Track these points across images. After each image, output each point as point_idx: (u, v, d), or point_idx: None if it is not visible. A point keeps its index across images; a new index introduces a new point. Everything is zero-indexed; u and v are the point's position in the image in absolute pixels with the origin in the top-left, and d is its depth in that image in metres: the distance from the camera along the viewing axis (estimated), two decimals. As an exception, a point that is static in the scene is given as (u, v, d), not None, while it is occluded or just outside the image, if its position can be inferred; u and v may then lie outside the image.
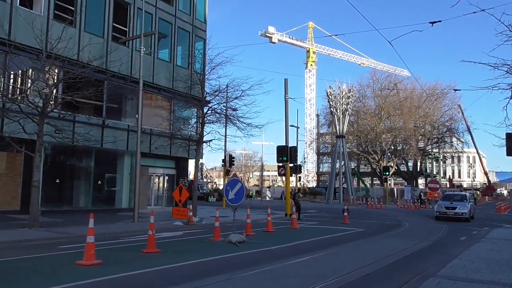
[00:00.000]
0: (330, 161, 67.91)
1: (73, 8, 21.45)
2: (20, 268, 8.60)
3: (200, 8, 29.68)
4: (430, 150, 65.57)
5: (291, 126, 36.95)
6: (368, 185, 69.49)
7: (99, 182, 24.28)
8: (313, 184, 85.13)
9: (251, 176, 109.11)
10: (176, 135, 25.62)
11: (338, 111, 51.84)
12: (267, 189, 73.38)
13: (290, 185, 28.96)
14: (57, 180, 22.26)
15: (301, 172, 53.61)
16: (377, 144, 62.22)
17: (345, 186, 53.11)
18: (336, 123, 52.53)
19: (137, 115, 20.80)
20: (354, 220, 22.94)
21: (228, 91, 23.16)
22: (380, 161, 61.12)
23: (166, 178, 28.52)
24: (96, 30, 22.50)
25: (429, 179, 58.97)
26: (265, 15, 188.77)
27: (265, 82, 66.33)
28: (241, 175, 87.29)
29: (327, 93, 53.74)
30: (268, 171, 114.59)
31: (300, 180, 56.69)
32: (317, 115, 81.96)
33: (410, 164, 68.39)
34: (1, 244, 11.14)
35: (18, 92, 19.59)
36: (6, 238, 12.18)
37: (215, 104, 23.08)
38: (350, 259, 10.74)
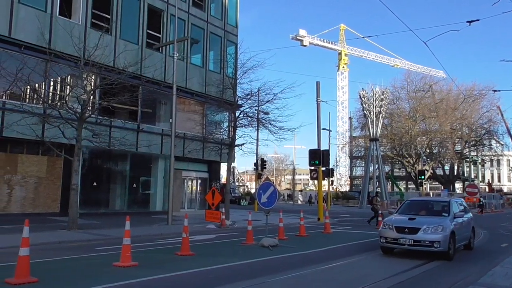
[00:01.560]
0: (363, 164, 66.94)
1: (109, 17, 22.09)
2: (61, 269, 8.88)
3: (231, 13, 29.95)
4: (467, 153, 63.46)
5: (323, 129, 36.61)
6: (402, 189, 67.91)
7: (134, 186, 24.81)
8: (345, 188, 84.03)
9: (282, 179, 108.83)
10: (209, 139, 25.88)
11: (372, 113, 51.02)
12: (299, 192, 72.93)
13: (323, 189, 28.65)
14: (94, 184, 22.89)
15: (333, 176, 53.00)
16: (412, 147, 60.77)
17: (379, 190, 52.13)
18: (370, 126, 51.71)
19: (170, 120, 21.14)
20: (389, 224, 22.40)
21: (259, 94, 23.21)
22: (415, 165, 59.65)
23: (199, 181, 28.83)
24: (131, 37, 23.08)
25: (467, 183, 57.05)
26: (296, 18, 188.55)
27: (296, 85, 66.43)
28: (272, 178, 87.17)
29: (360, 95, 53.01)
30: (299, 174, 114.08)
31: (332, 184, 56.12)
32: (350, 118, 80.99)
33: (447, 167, 66.42)
34: (42, 245, 11.52)
35: (57, 99, 20.31)
36: (47, 240, 12.59)
37: (247, 108, 23.19)
38: (386, 264, 10.50)
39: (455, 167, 64.43)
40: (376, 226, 20.54)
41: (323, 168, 27.31)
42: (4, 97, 18.62)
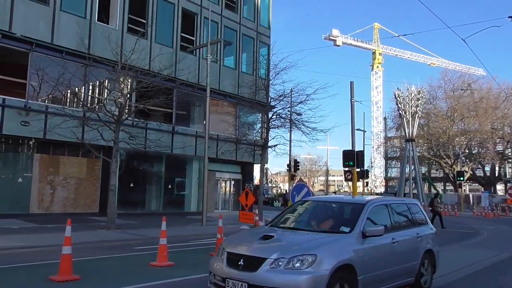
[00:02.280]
0: (398, 165, 65.48)
1: (144, 21, 22.61)
2: (101, 267, 9.15)
3: (264, 15, 30.04)
4: (510, 154, 60.98)
5: (357, 129, 36.04)
6: (440, 191, 66.04)
7: (169, 186, 25.26)
8: (381, 189, 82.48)
9: (315, 181, 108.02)
10: (242, 140, 26.05)
11: (407, 113, 49.87)
12: (333, 194, 72.21)
13: (357, 191, 28.20)
14: (131, 184, 23.45)
15: (368, 177, 52.06)
16: (449, 147, 58.95)
17: (416, 192, 50.86)
18: (405, 126, 50.55)
19: (204, 121, 21.41)
20: (426, 227, 21.82)
21: (292, 95, 23.17)
22: (454, 166, 57.82)
23: (232, 182, 29.04)
24: (165, 41, 23.54)
25: (509, 184, 54.81)
26: (329, 19, 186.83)
27: (330, 86, 65.74)
28: (305, 180, 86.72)
29: (395, 95, 51.92)
30: (333, 176, 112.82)
31: (367, 185, 55.20)
32: (385, 118, 79.39)
33: (487, 168, 63.97)
34: (83, 244, 11.91)
35: (96, 102, 20.97)
36: (87, 239, 13.01)
37: (280, 109, 23.19)
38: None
39: (496, 168, 61.98)
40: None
41: (358, 169, 26.85)
42: (46, 101, 19.40)
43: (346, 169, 26.59)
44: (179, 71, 22.01)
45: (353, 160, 25.17)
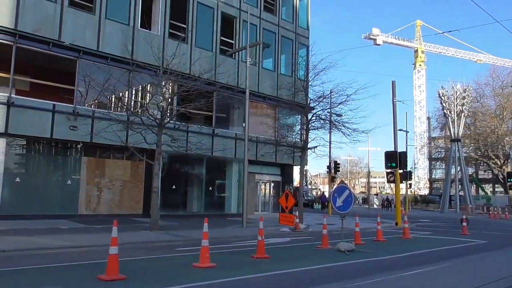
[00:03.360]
0: (443, 167, 63.31)
1: (185, 26, 23.05)
2: (145, 267, 9.38)
3: (302, 16, 29.91)
4: None
5: (400, 130, 35.17)
6: (489, 193, 63.21)
7: (210, 188, 25.59)
8: (425, 191, 79.97)
9: (356, 182, 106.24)
10: (281, 142, 25.99)
11: (452, 112, 48.17)
12: (375, 196, 70.71)
13: (400, 193, 27.49)
14: (173, 186, 23.93)
15: (411, 178, 50.65)
16: (499, 147, 56.37)
17: (462, 193, 48.96)
18: (450, 125, 48.85)
19: (244, 124, 21.54)
20: (475, 231, 20.98)
21: (332, 96, 22.86)
22: (503, 166, 55.23)
23: (272, 184, 29.04)
24: (205, 45, 23.90)
25: None
26: (368, 18, 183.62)
27: (370, 86, 64.46)
28: (346, 181, 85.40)
29: (439, 94, 50.30)
30: (375, 177, 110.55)
31: (410, 187, 53.61)
32: (428, 118, 77.06)
33: (540, 169, 60.63)
34: (128, 245, 12.24)
35: (139, 106, 21.57)
36: (132, 240, 13.37)
37: (319, 110, 22.93)
38: (473, 273, 9.80)
39: (550, 169, 58.65)
40: (461, 232, 19.31)
41: (400, 171, 26.23)
42: (93, 106, 20.16)
43: (389, 170, 26.04)
44: (219, 75, 22.27)
45: (396, 161, 24.61)
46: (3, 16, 17.12)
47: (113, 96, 20.03)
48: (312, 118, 22.54)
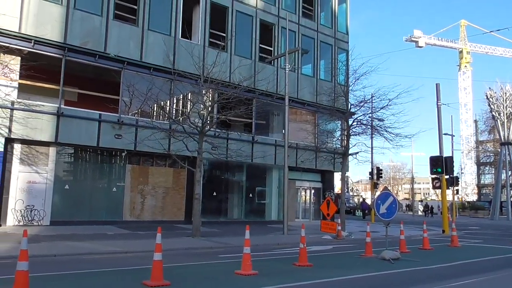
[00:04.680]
0: (493, 171, 60.52)
1: (224, 35, 23.36)
2: (189, 274, 9.48)
3: (341, 20, 29.62)
4: None
5: (445, 134, 33.91)
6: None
7: (251, 195, 25.65)
8: (473, 197, 76.67)
9: (400, 189, 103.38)
10: (321, 148, 25.71)
11: (502, 115, 46.08)
12: (419, 203, 68.52)
13: (447, 199, 26.47)
14: (214, 193, 24.17)
15: (458, 184, 48.73)
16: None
17: None
18: (500, 128, 46.74)
19: (283, 130, 21.49)
20: (529, 240, 19.86)
21: (373, 101, 22.41)
22: (559, 171, 52.06)
23: (313, 191, 28.76)
24: (244, 53, 24.11)
25: None
26: (409, 20, 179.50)
27: (413, 89, 62.61)
28: (389, 188, 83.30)
29: (486, 95, 48.29)
30: (419, 183, 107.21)
31: (457, 193, 51.63)
32: (475, 121, 74.01)
33: None
34: (171, 251, 12.43)
35: (180, 114, 22.00)
36: (175, 246, 13.58)
37: (361, 115, 22.51)
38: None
39: None
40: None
41: (447, 176, 25.26)
42: (136, 115, 20.75)
43: (434, 176, 25.17)
44: (258, 82, 22.37)
45: (441, 166, 23.77)
46: (54, 30, 17.99)
47: (156, 105, 20.53)
48: (353, 124, 22.17)
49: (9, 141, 17.25)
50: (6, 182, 17.23)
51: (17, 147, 17.69)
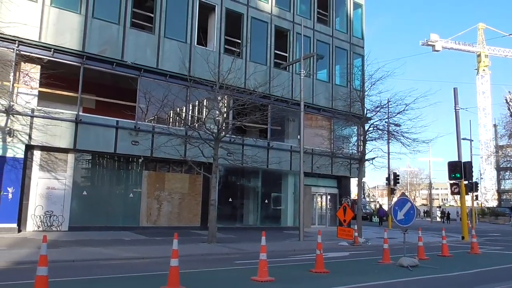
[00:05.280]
0: (513, 177, 59.26)
1: (239, 41, 23.48)
2: (205, 280, 9.49)
3: (357, 25, 29.53)
4: None
5: (463, 139, 33.38)
6: None
7: (266, 201, 25.60)
8: (492, 203, 75.17)
9: (417, 194, 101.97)
10: (337, 154, 25.56)
11: (522, 119, 45.16)
12: (437, 209, 67.44)
13: (466, 205, 26.01)
14: (230, 199, 24.20)
15: (477, 190, 47.82)
16: None
17: None
18: (520, 133, 45.80)
19: (299, 136, 21.44)
20: (552, 247, 19.36)
21: (390, 106, 22.26)
22: None
23: (329, 197, 28.56)
24: (260, 59, 24.18)
25: None
26: (425, 23, 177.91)
27: (430, 94, 61.97)
28: (406, 194, 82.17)
29: (506, 99, 47.54)
30: (436, 189, 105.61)
31: (476, 199, 50.61)
32: (494, 125, 72.70)
33: None
34: (187, 257, 12.46)
35: (196, 121, 22.14)
36: (191, 252, 13.62)
37: (377, 121, 22.34)
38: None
39: None
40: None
41: (466, 182, 24.85)
42: (153, 121, 20.95)
43: (453, 181, 24.79)
44: (274, 88, 22.42)
45: (460, 172, 23.41)
46: (73, 39, 18.33)
47: (172, 111, 20.71)
48: (369, 129, 22.01)
49: (29, 148, 17.58)
50: (26, 188, 17.55)
51: (37, 154, 18.01)
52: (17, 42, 16.68)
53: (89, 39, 18.72)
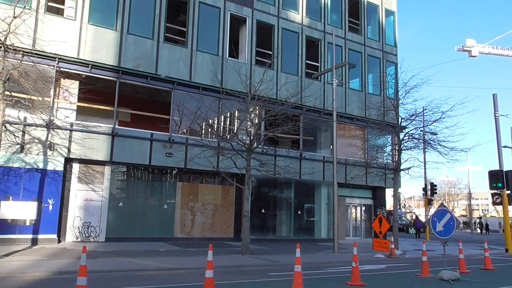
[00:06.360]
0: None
1: (270, 52, 23.59)
2: (238, 292, 9.45)
3: (389, 33, 29.13)
4: None
5: (504, 147, 32.05)
6: None
7: (299, 213, 25.35)
8: (538, 214, 71.65)
9: (455, 205, 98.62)
10: (372, 164, 25.10)
11: None
12: (477, 220, 64.87)
13: (509, 216, 24.90)
14: (262, 210, 24.12)
15: (521, 200, 45.82)
16: None
17: None
18: None
19: (331, 146, 21.21)
20: None
21: (425, 114, 21.71)
22: None
23: (363, 208, 28.02)
24: (291, 69, 24.19)
25: None
26: (460, 29, 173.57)
27: (468, 101, 59.97)
28: (444, 204, 79.52)
29: (549, 106, 45.41)
30: (476, 199, 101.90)
31: (520, 209, 48.40)
32: (537, 133, 69.63)
33: None
34: (221, 268, 12.47)
35: (228, 132, 22.31)
36: (224, 263, 13.62)
37: (412, 129, 21.82)
38: None
39: None
40: None
41: (508, 192, 23.84)
42: (186, 133, 21.26)
43: (494, 191, 23.87)
44: (305, 98, 22.34)
45: (502, 181, 22.54)
46: (109, 55, 18.93)
47: (205, 123, 20.95)
48: (405, 138, 21.52)
49: (68, 161, 18.16)
50: (65, 200, 18.10)
51: (75, 167, 18.58)
52: (57, 59, 17.36)
53: (125, 54, 19.27)
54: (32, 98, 14.99)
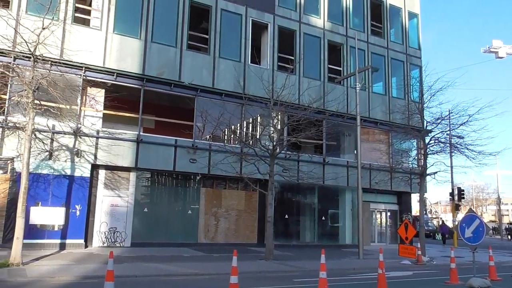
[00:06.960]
0: None
1: (292, 58, 23.59)
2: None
3: (413, 35, 28.75)
4: None
5: (535, 151, 31.21)
6: None
7: (323, 218, 25.13)
8: None
9: (484, 210, 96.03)
10: (397, 168, 24.70)
11: None
12: (507, 225, 62.95)
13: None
14: (286, 216, 24.00)
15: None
16: None
17: None
18: None
19: (355, 151, 21.01)
20: None
21: (451, 117, 21.27)
22: None
23: (388, 213, 27.57)
24: (313, 74, 24.12)
25: None
26: (486, 29, 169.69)
27: (497, 103, 58.46)
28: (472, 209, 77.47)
29: None
30: (505, 204, 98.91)
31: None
32: None
33: None
34: (245, 274, 12.43)
35: (251, 138, 22.36)
36: (248, 269, 13.60)
37: (438, 133, 21.38)
38: None
39: None
40: None
41: (540, 197, 23.07)
42: (209, 139, 21.43)
43: (525, 197, 23.18)
44: (328, 102, 22.20)
45: (533, 186, 21.83)
46: (134, 63, 19.29)
47: (228, 129, 21.06)
48: (430, 142, 21.11)
49: (94, 167, 18.52)
50: (92, 206, 18.45)
51: (102, 173, 18.93)
52: (83, 68, 17.78)
53: (149, 62, 19.60)
54: (60, 106, 15.37)
